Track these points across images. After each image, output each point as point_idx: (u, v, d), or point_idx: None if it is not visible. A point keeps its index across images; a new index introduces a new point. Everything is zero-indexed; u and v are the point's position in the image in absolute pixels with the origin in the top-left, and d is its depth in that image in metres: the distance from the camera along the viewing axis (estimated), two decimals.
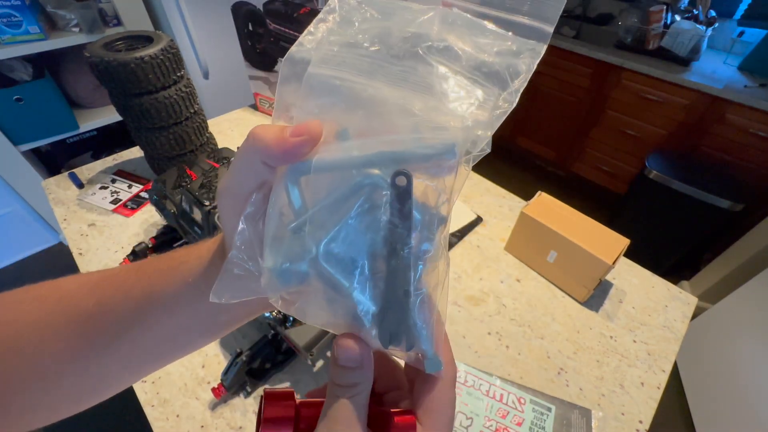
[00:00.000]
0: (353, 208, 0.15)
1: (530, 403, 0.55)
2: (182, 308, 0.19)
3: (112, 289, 0.20)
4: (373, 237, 0.15)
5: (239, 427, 0.51)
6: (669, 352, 0.63)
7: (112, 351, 0.20)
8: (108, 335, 0.19)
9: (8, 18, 1.18)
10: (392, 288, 0.15)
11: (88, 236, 0.77)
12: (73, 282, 0.21)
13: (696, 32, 1.64)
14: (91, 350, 0.19)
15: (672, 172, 1.58)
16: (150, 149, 0.81)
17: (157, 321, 0.20)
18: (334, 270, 0.15)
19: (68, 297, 0.20)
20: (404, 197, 0.15)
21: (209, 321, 0.20)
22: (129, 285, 0.20)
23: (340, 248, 0.15)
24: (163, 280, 0.20)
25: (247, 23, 1.00)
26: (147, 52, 0.69)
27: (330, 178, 0.15)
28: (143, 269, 0.20)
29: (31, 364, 0.19)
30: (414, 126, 0.16)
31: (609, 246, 0.64)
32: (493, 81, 0.17)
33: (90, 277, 0.21)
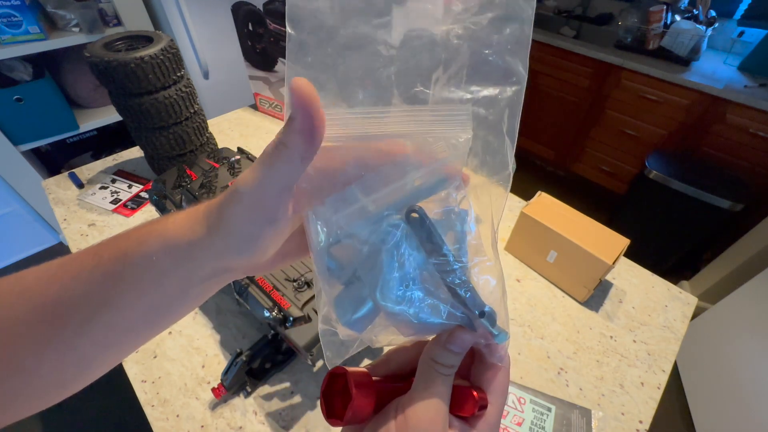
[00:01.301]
0: (387, 252, 0.17)
1: (530, 403, 0.55)
2: (158, 279, 0.20)
3: (70, 276, 0.20)
4: (411, 266, 0.17)
5: (239, 427, 0.51)
6: (669, 352, 0.63)
7: (85, 335, 0.19)
8: (76, 321, 0.19)
9: (8, 18, 1.18)
10: (459, 298, 0.17)
11: (89, 236, 0.77)
12: (33, 273, 0.21)
13: (696, 32, 1.64)
14: (62, 338, 0.19)
15: (672, 172, 1.58)
16: (150, 149, 0.81)
17: (124, 299, 0.20)
18: (392, 304, 0.17)
19: (29, 289, 0.20)
20: (423, 227, 0.17)
21: (180, 293, 0.21)
22: (89, 269, 0.20)
23: (390, 287, 0.17)
24: (131, 254, 0.19)
25: (247, 23, 1.00)
26: (147, 52, 0.69)
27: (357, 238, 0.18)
28: (101, 252, 0.20)
29: (3, 357, 0.19)
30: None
31: (609, 246, 0.64)
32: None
33: (49, 266, 0.21)
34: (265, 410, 0.53)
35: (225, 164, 0.64)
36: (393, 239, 0.17)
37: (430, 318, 0.18)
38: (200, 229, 0.19)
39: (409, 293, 0.17)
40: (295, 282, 0.53)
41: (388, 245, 0.17)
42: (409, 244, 0.17)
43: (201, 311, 0.65)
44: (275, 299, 0.50)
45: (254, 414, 0.52)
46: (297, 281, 0.53)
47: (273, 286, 0.51)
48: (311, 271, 0.55)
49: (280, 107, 1.14)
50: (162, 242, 0.19)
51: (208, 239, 0.19)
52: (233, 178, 0.60)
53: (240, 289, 0.53)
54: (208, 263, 0.20)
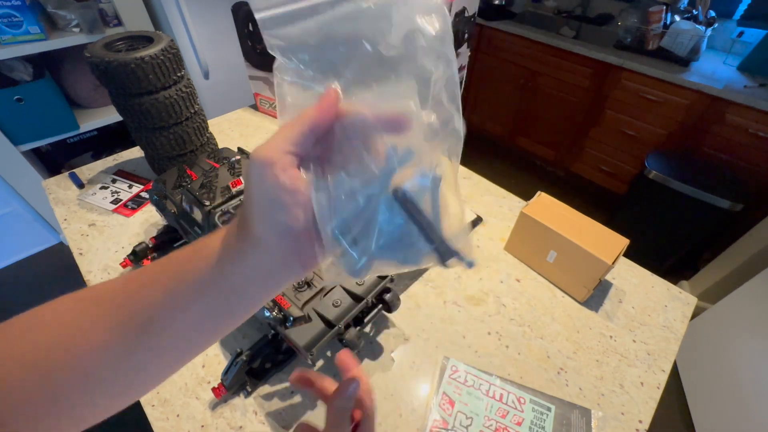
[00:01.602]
0: (378, 217, 0.21)
1: (530, 403, 0.55)
2: (208, 290, 0.21)
3: (137, 283, 0.22)
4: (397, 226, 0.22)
5: (239, 426, 0.51)
6: (669, 352, 0.63)
7: (143, 341, 0.21)
8: (137, 326, 0.20)
9: (9, 18, 1.18)
10: (432, 240, 0.21)
11: (89, 236, 0.77)
12: (109, 283, 0.22)
13: (695, 32, 1.64)
14: (123, 343, 0.20)
15: (671, 172, 1.58)
16: (150, 149, 0.81)
17: (182, 308, 0.21)
18: (386, 256, 0.22)
19: (102, 296, 0.22)
20: (407, 204, 0.21)
21: (233, 302, 0.22)
22: (154, 277, 0.21)
23: (383, 241, 0.21)
24: (188, 266, 0.21)
25: (248, 23, 1.00)
26: (147, 52, 0.69)
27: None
28: (165, 262, 0.22)
29: (72, 359, 0.20)
30: None
31: (609, 246, 0.64)
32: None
33: (122, 277, 0.22)
34: (265, 410, 0.53)
35: (225, 164, 0.64)
36: (381, 209, 0.21)
37: (413, 260, 0.23)
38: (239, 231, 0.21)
39: (397, 245, 0.22)
40: (295, 282, 0.53)
41: (379, 215, 0.21)
42: (394, 210, 0.21)
43: None
44: (275, 299, 0.50)
45: (254, 414, 0.52)
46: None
47: None
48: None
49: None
50: (216, 251, 0.21)
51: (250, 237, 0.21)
52: (233, 178, 0.60)
53: None
54: (252, 267, 0.21)
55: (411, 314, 0.66)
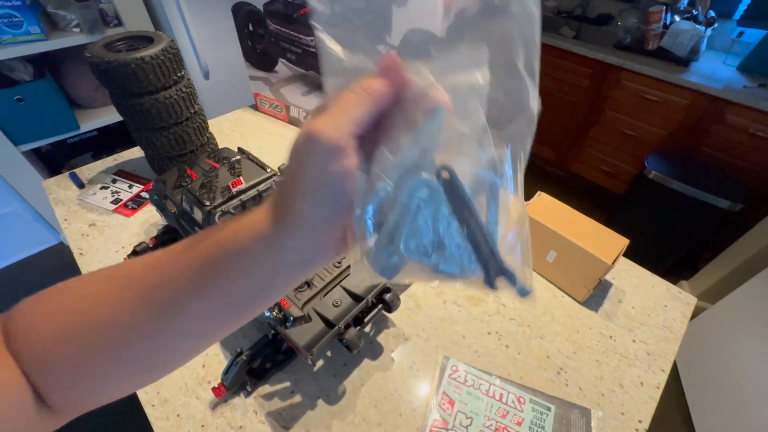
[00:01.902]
0: (412, 207, 0.18)
1: (530, 403, 0.55)
2: (242, 274, 0.21)
3: (168, 264, 0.22)
4: (437, 221, 0.18)
5: (239, 426, 0.51)
6: (668, 352, 0.63)
7: (175, 320, 0.21)
8: (170, 305, 0.21)
9: (9, 18, 1.18)
10: (480, 250, 0.18)
11: (89, 236, 0.77)
12: (139, 263, 0.23)
13: (695, 32, 1.64)
14: (156, 320, 0.21)
15: (671, 172, 1.58)
16: (150, 149, 0.82)
17: (212, 293, 0.21)
18: (416, 257, 0.18)
19: (134, 275, 0.22)
20: (452, 188, 0.17)
21: (264, 286, 0.22)
22: (186, 258, 0.21)
23: (416, 241, 0.18)
24: (223, 250, 0.21)
25: (248, 23, 1.00)
26: (147, 52, 0.69)
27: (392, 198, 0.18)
28: (197, 243, 0.22)
29: (107, 334, 0.21)
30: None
31: (608, 246, 0.64)
32: None
33: (152, 256, 0.23)
34: (266, 410, 0.53)
35: (225, 164, 0.64)
36: (420, 195, 0.17)
37: (449, 270, 0.18)
38: (275, 216, 0.20)
39: (432, 247, 0.18)
40: None
41: (414, 201, 0.17)
42: (436, 201, 0.17)
43: None
44: None
45: (254, 413, 0.52)
46: None
47: None
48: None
49: (280, 108, 1.14)
50: (254, 232, 0.20)
51: (284, 221, 0.20)
52: (234, 178, 0.60)
53: None
54: (289, 250, 0.20)
55: (411, 314, 0.66)
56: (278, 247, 0.20)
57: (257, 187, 0.60)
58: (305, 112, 1.09)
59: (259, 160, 0.65)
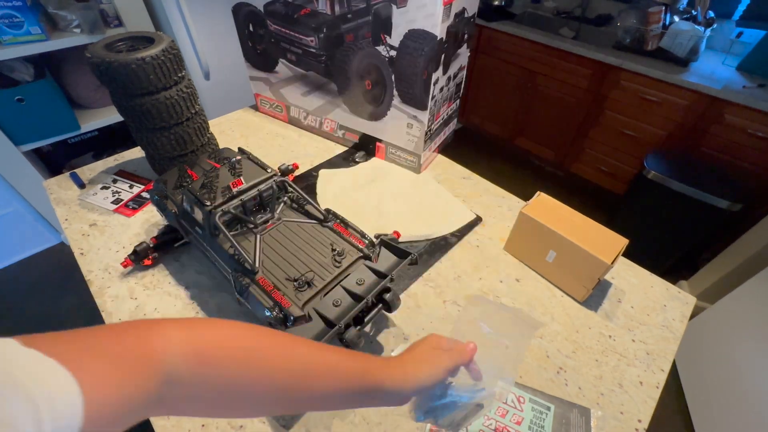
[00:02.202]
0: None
1: (529, 402, 0.55)
2: (359, 395, 0.35)
3: (347, 374, 0.34)
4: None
5: (240, 425, 0.51)
6: (668, 352, 0.63)
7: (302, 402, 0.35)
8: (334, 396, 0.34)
9: (10, 19, 1.19)
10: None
11: (90, 236, 0.77)
12: (339, 358, 0.35)
13: (695, 33, 1.64)
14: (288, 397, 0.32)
15: (671, 173, 1.58)
16: (151, 149, 0.82)
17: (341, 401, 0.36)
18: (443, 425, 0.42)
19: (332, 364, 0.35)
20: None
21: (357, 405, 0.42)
22: (356, 379, 0.34)
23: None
24: (377, 385, 0.35)
25: (248, 24, 1.00)
26: (148, 52, 0.69)
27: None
28: (366, 370, 0.35)
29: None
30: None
31: (608, 246, 0.64)
32: None
33: (341, 355, 0.35)
34: None
35: (226, 164, 0.64)
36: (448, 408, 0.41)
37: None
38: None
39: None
40: (296, 281, 0.54)
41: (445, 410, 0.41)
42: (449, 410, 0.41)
43: (202, 311, 0.65)
44: (276, 299, 0.50)
45: None
46: (297, 281, 0.54)
47: (274, 286, 0.52)
48: (311, 271, 0.55)
49: (280, 108, 1.14)
50: (396, 386, 0.36)
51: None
52: (234, 178, 0.61)
53: (241, 289, 0.53)
54: (389, 398, 0.37)
55: (411, 314, 0.66)
56: (403, 399, 0.38)
57: (258, 187, 0.61)
58: (305, 112, 1.10)
59: (260, 161, 0.66)
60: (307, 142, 1.09)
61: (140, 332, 0.26)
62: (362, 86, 0.92)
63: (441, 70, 0.82)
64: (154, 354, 0.25)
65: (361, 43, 0.85)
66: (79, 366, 0.20)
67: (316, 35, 0.89)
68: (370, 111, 0.95)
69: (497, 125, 2.45)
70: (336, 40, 0.88)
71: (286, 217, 0.64)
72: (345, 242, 0.60)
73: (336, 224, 0.63)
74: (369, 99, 0.93)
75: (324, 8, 0.85)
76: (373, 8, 0.78)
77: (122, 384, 0.23)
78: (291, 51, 0.97)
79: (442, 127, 0.99)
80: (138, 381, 0.24)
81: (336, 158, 1.04)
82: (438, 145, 1.02)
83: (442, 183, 0.96)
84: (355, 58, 0.88)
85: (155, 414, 0.26)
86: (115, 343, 0.25)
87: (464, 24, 0.83)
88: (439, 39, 0.74)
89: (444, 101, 0.92)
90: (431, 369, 0.37)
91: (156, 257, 0.71)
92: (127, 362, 0.24)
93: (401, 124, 0.91)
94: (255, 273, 0.53)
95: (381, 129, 0.97)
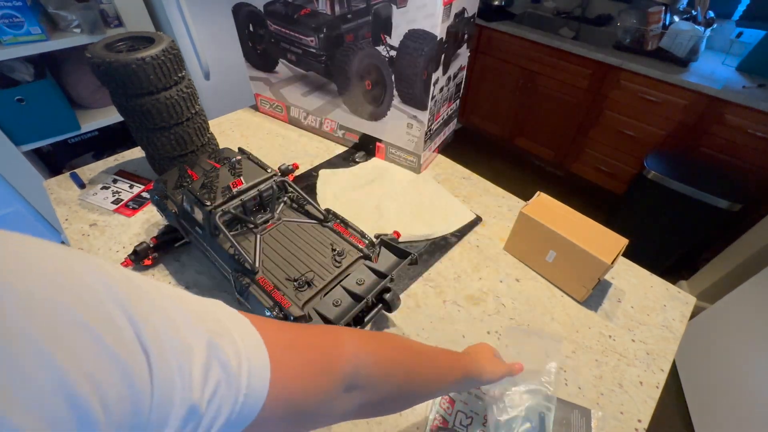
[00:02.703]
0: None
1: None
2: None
3: (445, 368, 0.41)
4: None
5: None
6: (668, 352, 0.63)
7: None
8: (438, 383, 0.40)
9: (10, 19, 1.18)
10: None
11: (90, 236, 0.77)
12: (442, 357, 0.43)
13: (695, 33, 1.65)
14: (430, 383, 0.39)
15: (670, 173, 1.58)
16: (151, 150, 0.82)
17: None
18: None
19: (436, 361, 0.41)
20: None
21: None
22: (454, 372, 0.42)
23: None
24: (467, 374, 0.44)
25: (248, 24, 1.00)
26: (148, 53, 0.69)
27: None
28: (457, 362, 0.44)
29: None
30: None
31: (608, 246, 0.64)
32: None
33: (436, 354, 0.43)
34: None
35: (226, 165, 0.64)
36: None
37: None
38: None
39: None
40: (296, 281, 0.54)
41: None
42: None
43: None
44: (276, 298, 0.50)
45: None
46: (298, 281, 0.54)
47: (274, 286, 0.52)
48: (311, 271, 0.55)
49: (280, 108, 1.14)
50: (474, 375, 0.44)
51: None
52: (234, 178, 0.61)
53: (241, 289, 0.53)
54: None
55: (411, 314, 0.66)
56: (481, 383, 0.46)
57: (258, 187, 0.61)
58: (305, 112, 1.10)
59: (260, 161, 0.66)
60: (307, 142, 1.09)
61: (336, 335, 0.31)
62: (362, 86, 0.92)
63: (441, 70, 0.82)
64: (344, 356, 0.29)
65: (361, 43, 0.85)
66: (274, 347, 0.24)
67: (316, 35, 0.90)
68: (370, 111, 0.95)
69: (497, 125, 2.45)
70: (336, 40, 0.88)
71: (286, 217, 0.64)
72: (345, 242, 0.60)
73: (336, 224, 0.63)
74: (369, 99, 0.93)
75: (324, 8, 0.85)
76: (373, 8, 0.78)
77: (307, 375, 0.26)
78: (291, 51, 0.97)
79: (442, 127, 0.99)
80: (324, 378, 0.27)
81: (336, 158, 1.04)
82: (438, 145, 1.02)
83: (442, 183, 0.96)
84: (355, 58, 0.88)
85: (330, 415, 0.29)
86: (312, 337, 0.29)
87: (464, 24, 0.83)
88: (439, 39, 0.74)
89: (444, 101, 0.92)
90: (495, 368, 0.46)
91: (156, 257, 0.71)
92: (320, 358, 0.27)
93: (401, 124, 0.91)
94: (255, 273, 0.53)
95: (381, 129, 0.97)
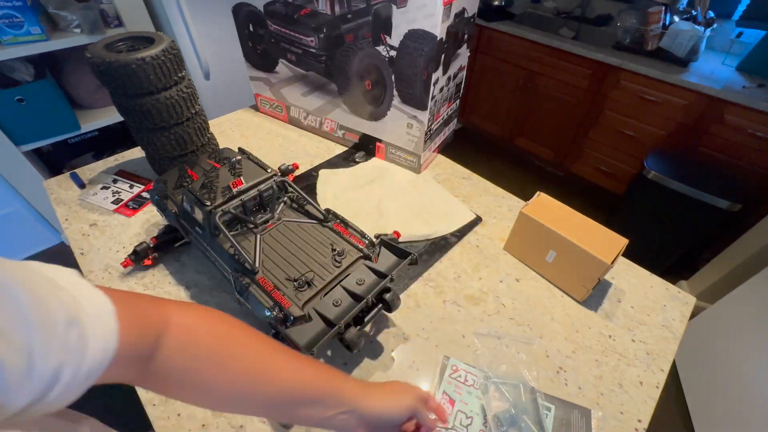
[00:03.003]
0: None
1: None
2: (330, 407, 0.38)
3: (312, 379, 0.38)
4: None
5: (240, 425, 0.51)
6: (668, 352, 0.63)
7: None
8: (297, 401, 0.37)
9: (10, 19, 1.19)
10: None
11: (90, 236, 0.77)
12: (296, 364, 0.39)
13: (694, 33, 1.64)
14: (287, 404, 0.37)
15: (670, 173, 1.58)
16: (151, 150, 0.82)
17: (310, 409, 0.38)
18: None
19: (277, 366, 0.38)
20: None
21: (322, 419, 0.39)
22: (320, 380, 0.39)
23: None
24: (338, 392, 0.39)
25: (248, 24, 1.00)
26: (148, 53, 0.69)
27: None
28: (331, 377, 0.40)
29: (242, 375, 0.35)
30: None
31: (608, 246, 0.64)
32: None
33: (305, 370, 0.38)
34: None
35: (226, 164, 0.64)
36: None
37: None
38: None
39: None
40: (296, 281, 0.54)
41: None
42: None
43: None
44: (276, 298, 0.50)
45: None
46: (298, 281, 0.54)
47: (274, 286, 0.52)
48: (311, 271, 0.55)
49: (280, 108, 1.14)
50: (354, 403, 0.39)
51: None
52: (234, 178, 0.61)
53: (241, 289, 0.53)
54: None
55: (411, 314, 0.66)
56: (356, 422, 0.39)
57: (258, 187, 0.61)
58: (305, 112, 1.10)
59: (260, 161, 0.66)
60: (307, 142, 1.09)
61: (154, 299, 0.33)
62: (362, 86, 0.92)
63: (441, 70, 0.82)
64: (160, 316, 0.32)
65: (361, 43, 0.85)
66: (119, 303, 0.28)
67: (316, 35, 0.90)
68: (370, 111, 0.95)
69: (497, 125, 2.45)
70: (336, 41, 0.88)
71: (286, 217, 0.64)
72: (345, 242, 0.60)
73: (336, 224, 0.63)
74: (369, 99, 0.93)
75: (324, 8, 0.85)
76: (373, 8, 0.78)
77: (133, 328, 0.28)
78: (291, 51, 0.97)
79: (442, 127, 0.99)
80: (144, 332, 0.30)
81: (336, 158, 1.04)
82: (438, 145, 1.02)
83: (442, 183, 0.96)
84: (355, 59, 0.88)
85: (139, 376, 0.31)
86: (136, 299, 0.32)
87: (464, 24, 0.83)
88: (439, 39, 0.74)
89: (444, 101, 0.92)
90: (390, 405, 0.40)
91: (156, 257, 0.71)
92: (141, 313, 0.31)
93: (401, 124, 0.91)
94: (255, 273, 0.53)
95: (381, 129, 0.97)
